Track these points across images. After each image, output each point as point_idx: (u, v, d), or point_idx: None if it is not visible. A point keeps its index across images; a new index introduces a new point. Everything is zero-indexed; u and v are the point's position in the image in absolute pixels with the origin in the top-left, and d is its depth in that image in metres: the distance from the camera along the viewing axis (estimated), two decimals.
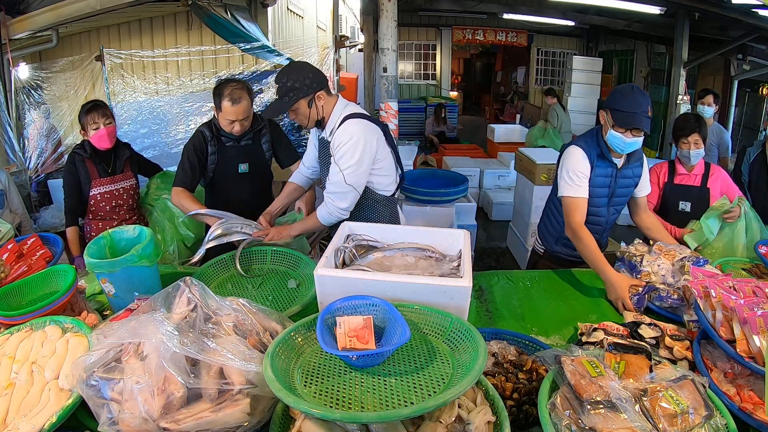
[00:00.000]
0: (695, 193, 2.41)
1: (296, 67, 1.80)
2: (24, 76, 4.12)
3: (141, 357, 0.94)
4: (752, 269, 1.81)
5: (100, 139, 2.21)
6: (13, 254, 1.67)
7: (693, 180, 2.42)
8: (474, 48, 11.09)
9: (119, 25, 4.92)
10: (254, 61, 4.64)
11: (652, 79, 7.04)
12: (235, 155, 2.17)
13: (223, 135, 2.13)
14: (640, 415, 0.87)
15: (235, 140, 2.15)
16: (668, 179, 2.45)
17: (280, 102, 1.73)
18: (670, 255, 1.69)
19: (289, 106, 1.72)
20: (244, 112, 2.02)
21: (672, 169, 2.48)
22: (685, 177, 2.43)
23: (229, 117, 2.01)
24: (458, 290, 1.17)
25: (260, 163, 2.25)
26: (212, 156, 2.13)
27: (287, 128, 4.52)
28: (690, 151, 2.33)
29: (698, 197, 2.40)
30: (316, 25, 8.47)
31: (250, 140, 2.19)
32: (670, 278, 1.61)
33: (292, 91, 1.70)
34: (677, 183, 2.43)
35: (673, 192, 2.44)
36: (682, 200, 2.42)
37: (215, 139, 2.12)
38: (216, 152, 2.14)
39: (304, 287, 1.56)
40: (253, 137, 2.20)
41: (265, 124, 2.23)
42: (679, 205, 2.42)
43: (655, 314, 1.50)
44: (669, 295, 1.50)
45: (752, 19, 4.39)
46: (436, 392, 0.91)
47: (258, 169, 2.24)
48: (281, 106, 1.75)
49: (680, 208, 2.42)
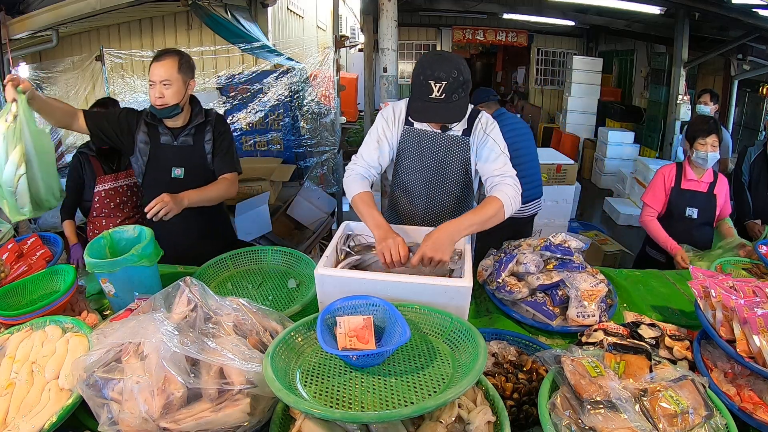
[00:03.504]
0: (702, 200, 2.31)
1: (457, 59, 1.50)
2: (24, 76, 4.11)
3: (141, 357, 0.94)
4: (752, 269, 1.80)
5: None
6: (13, 254, 1.67)
7: (701, 187, 2.32)
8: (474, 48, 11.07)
9: (119, 25, 4.93)
10: (254, 61, 4.64)
11: (652, 79, 7.03)
12: (169, 156, 1.88)
13: (160, 128, 1.86)
14: (640, 415, 0.87)
15: (171, 135, 1.87)
16: (675, 183, 2.34)
17: (449, 100, 1.45)
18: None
19: (466, 104, 1.51)
20: (165, 73, 1.73)
21: (679, 173, 2.36)
22: (693, 183, 2.32)
23: (150, 78, 1.74)
24: (458, 290, 1.17)
25: (200, 167, 1.91)
26: (143, 145, 1.85)
27: (286, 128, 4.51)
28: (707, 153, 2.23)
29: (706, 204, 2.30)
30: (316, 25, 8.49)
31: (190, 138, 1.89)
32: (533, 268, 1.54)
33: (464, 85, 1.47)
34: (684, 188, 2.33)
35: (680, 197, 2.33)
36: (689, 206, 2.31)
37: (152, 127, 1.85)
38: (148, 142, 1.85)
39: (304, 287, 1.56)
40: (195, 135, 1.90)
41: (210, 120, 1.92)
42: (686, 211, 2.32)
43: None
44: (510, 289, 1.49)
45: (752, 19, 4.39)
46: (436, 392, 0.91)
47: (196, 175, 1.90)
48: (460, 106, 1.48)
49: (687, 215, 2.31)
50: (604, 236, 4.38)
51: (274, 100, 4.32)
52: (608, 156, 6.63)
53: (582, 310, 1.38)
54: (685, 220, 2.29)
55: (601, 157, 6.79)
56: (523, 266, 1.55)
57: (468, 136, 1.66)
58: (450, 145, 1.67)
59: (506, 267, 1.55)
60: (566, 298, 1.46)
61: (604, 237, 4.36)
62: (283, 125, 4.53)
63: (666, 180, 2.36)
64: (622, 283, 1.72)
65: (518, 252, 1.61)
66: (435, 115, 1.50)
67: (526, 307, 1.49)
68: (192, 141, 1.91)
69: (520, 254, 1.58)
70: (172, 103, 1.79)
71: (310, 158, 4.60)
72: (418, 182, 1.74)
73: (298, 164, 4.52)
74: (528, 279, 1.53)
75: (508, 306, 1.52)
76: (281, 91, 4.31)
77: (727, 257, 1.91)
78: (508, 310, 1.50)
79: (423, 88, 1.45)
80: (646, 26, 6.56)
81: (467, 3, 7.26)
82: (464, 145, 1.66)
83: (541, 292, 1.52)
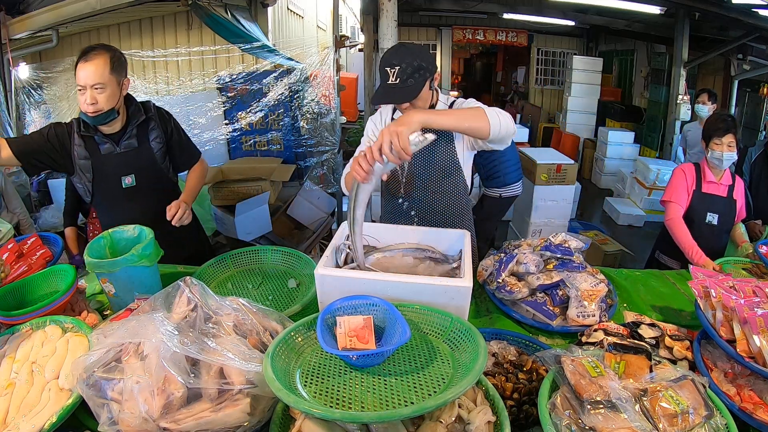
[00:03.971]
0: (723, 205, 2.18)
1: (416, 48, 1.54)
2: (24, 76, 4.12)
3: (141, 357, 0.94)
4: (752, 269, 1.80)
5: None
6: (13, 254, 1.67)
7: (721, 190, 2.20)
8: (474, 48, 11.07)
9: (119, 25, 4.92)
10: (254, 61, 4.63)
11: (652, 79, 7.03)
12: (114, 165, 1.68)
13: (97, 138, 1.66)
14: (640, 415, 0.87)
15: (111, 142, 1.66)
16: (696, 186, 2.21)
17: (404, 84, 1.47)
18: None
19: (421, 87, 1.49)
20: (96, 75, 1.50)
21: (699, 175, 2.22)
22: (713, 186, 2.20)
23: (78, 82, 1.51)
24: (459, 290, 1.17)
25: (150, 169, 1.75)
26: (82, 161, 1.63)
27: (286, 127, 4.51)
28: (723, 153, 2.11)
29: (726, 209, 2.18)
30: (316, 25, 8.48)
31: (134, 140, 1.71)
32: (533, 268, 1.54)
33: (419, 71, 1.48)
34: (705, 192, 2.19)
35: (700, 201, 2.19)
36: (710, 211, 2.18)
37: (88, 139, 1.64)
38: (88, 156, 1.64)
39: (304, 287, 1.56)
40: (138, 135, 1.71)
41: (152, 116, 1.74)
42: (707, 216, 2.18)
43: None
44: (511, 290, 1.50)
45: (752, 19, 4.39)
46: (436, 392, 0.91)
47: (149, 179, 1.75)
48: (413, 88, 1.49)
49: (707, 221, 2.18)
50: (604, 236, 4.38)
51: (274, 100, 4.32)
52: (608, 156, 6.64)
53: (582, 310, 1.38)
54: (703, 227, 2.16)
55: (601, 157, 6.79)
56: (523, 266, 1.55)
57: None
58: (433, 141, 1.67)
59: (506, 267, 1.55)
60: (566, 298, 1.45)
61: (604, 237, 4.36)
62: (283, 125, 4.54)
63: (687, 178, 2.23)
64: (622, 283, 1.72)
65: (518, 252, 1.61)
66: (390, 97, 1.56)
67: (526, 307, 1.49)
68: (136, 143, 1.72)
69: (520, 254, 1.58)
70: (107, 108, 1.57)
71: (310, 158, 4.60)
72: (408, 183, 1.74)
73: (298, 164, 4.52)
74: (528, 279, 1.53)
75: (508, 306, 1.52)
76: (281, 91, 4.31)
77: (727, 257, 1.91)
78: (508, 310, 1.50)
79: (382, 75, 1.53)
80: (646, 26, 6.56)
81: (467, 3, 7.26)
82: (447, 135, 1.68)
83: (541, 292, 1.52)
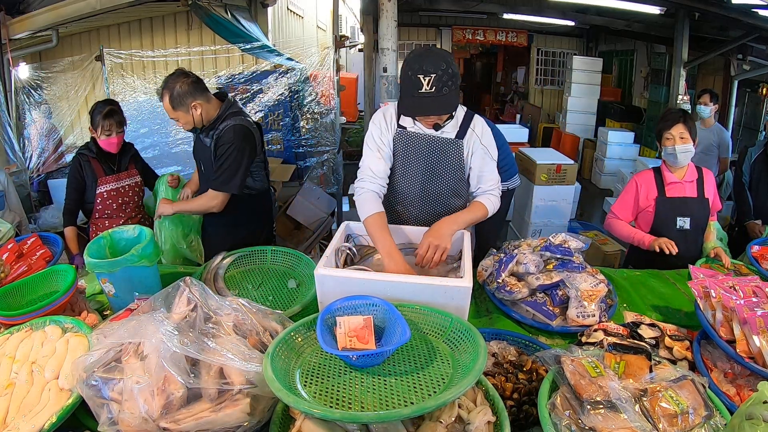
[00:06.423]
0: (694, 207, 2.00)
1: (444, 53, 1.49)
2: (24, 76, 4.12)
3: (141, 357, 0.94)
4: (734, 268, 1.80)
5: (109, 144, 2.25)
6: (13, 254, 1.67)
7: (687, 189, 2.01)
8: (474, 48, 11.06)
9: (119, 25, 4.92)
10: (254, 61, 4.63)
11: (652, 79, 7.03)
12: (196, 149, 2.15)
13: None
14: (640, 415, 0.87)
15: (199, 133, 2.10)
16: (659, 193, 2.02)
17: (439, 93, 1.43)
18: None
19: (457, 96, 1.47)
20: (168, 113, 1.97)
21: (660, 180, 2.04)
22: (678, 187, 2.01)
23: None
24: (458, 290, 1.17)
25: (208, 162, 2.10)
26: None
27: (286, 127, 4.51)
28: (676, 147, 1.94)
29: (698, 211, 2.00)
30: (316, 25, 8.48)
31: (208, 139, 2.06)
32: (533, 268, 1.54)
33: (453, 78, 1.44)
34: (671, 196, 2.01)
35: (667, 208, 2.01)
36: (680, 216, 2.00)
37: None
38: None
39: (304, 287, 1.56)
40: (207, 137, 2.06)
41: (216, 132, 2.00)
42: (677, 222, 2.00)
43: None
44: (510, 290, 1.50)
45: (752, 19, 4.39)
46: (436, 392, 0.91)
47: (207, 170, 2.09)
48: (450, 98, 1.45)
49: (678, 226, 1.99)
50: (604, 236, 4.37)
51: (274, 100, 4.32)
52: (608, 156, 6.63)
53: (582, 310, 1.38)
54: (675, 234, 1.95)
55: (601, 157, 6.79)
56: (523, 266, 1.55)
57: (461, 138, 1.65)
58: (444, 148, 1.66)
59: (506, 267, 1.55)
60: (566, 298, 1.46)
61: (604, 237, 4.35)
62: (283, 125, 4.54)
63: (641, 189, 2.06)
64: (622, 283, 1.72)
65: (518, 252, 1.61)
66: (426, 108, 1.48)
67: (526, 307, 1.49)
68: (208, 143, 2.06)
69: (520, 254, 1.58)
70: (189, 128, 2.03)
71: (310, 158, 4.60)
72: (412, 185, 1.73)
73: (298, 164, 4.52)
74: (528, 279, 1.53)
75: (508, 306, 1.52)
76: (281, 91, 4.31)
77: (708, 259, 1.92)
78: (508, 310, 1.50)
79: (412, 83, 1.44)
80: (646, 26, 6.56)
81: (467, 3, 7.25)
82: (458, 148, 1.66)
83: (541, 292, 1.52)
